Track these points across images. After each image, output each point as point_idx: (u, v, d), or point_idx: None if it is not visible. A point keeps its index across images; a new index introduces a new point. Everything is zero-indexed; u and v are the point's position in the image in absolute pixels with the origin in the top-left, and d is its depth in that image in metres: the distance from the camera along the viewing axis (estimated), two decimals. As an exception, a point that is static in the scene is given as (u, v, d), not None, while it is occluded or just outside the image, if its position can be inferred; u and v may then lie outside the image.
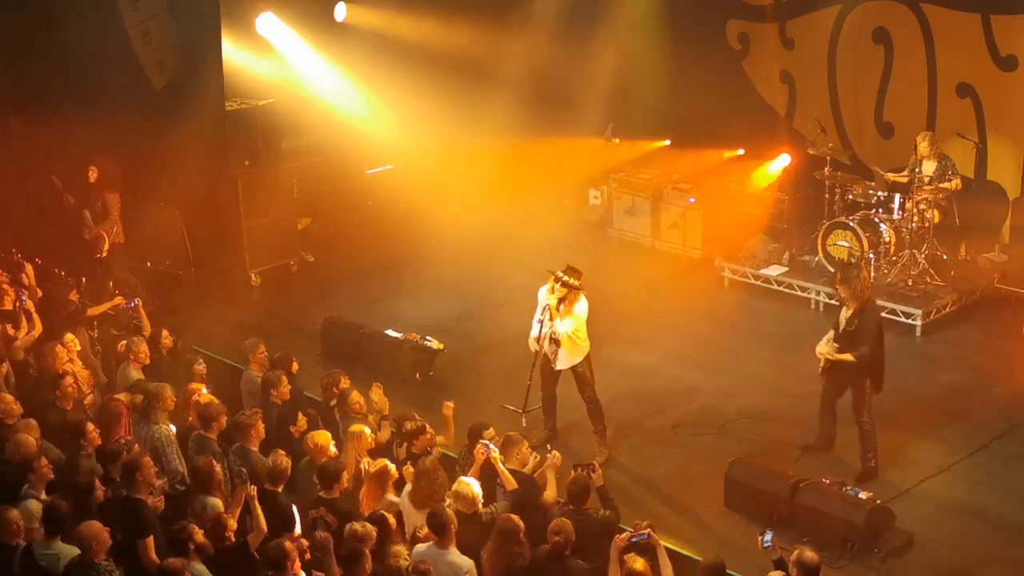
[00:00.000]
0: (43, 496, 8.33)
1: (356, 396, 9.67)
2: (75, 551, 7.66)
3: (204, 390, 9.97)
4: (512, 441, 8.84)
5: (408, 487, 8.56)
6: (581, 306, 10.24)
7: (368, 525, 7.73)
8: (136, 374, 10.46)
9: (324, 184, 15.33)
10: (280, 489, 8.45)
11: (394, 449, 9.37)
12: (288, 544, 7.39)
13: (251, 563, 7.73)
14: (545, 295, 10.27)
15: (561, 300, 10.16)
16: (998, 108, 13.77)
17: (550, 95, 15.86)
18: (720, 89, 15.60)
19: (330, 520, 8.16)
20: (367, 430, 9.17)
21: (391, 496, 8.55)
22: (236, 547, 7.85)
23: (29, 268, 12.09)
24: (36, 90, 13.54)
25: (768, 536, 7.52)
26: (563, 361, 10.34)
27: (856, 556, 8.92)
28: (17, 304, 11.23)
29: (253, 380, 10.51)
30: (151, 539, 8.00)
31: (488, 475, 8.66)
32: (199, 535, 7.65)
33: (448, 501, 8.20)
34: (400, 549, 7.78)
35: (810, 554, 7.30)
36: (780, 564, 7.46)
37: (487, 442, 8.82)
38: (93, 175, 13.33)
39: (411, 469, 8.66)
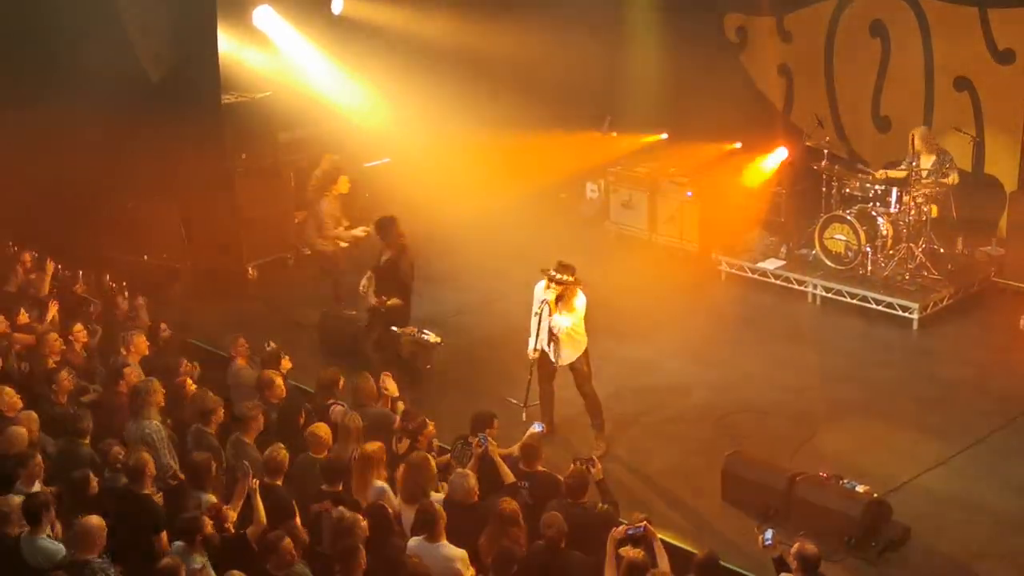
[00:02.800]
0: (37, 489, 8.29)
1: (369, 382, 9.66)
2: (56, 546, 7.64)
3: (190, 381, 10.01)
4: (534, 451, 8.79)
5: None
6: (580, 301, 10.22)
7: (357, 515, 7.72)
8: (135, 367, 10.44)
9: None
10: (279, 482, 8.45)
11: (393, 443, 9.36)
12: (284, 535, 7.39)
13: (250, 554, 7.72)
14: (541, 292, 10.26)
15: (559, 296, 10.14)
16: (995, 102, 13.76)
17: (547, 88, 15.84)
18: (717, 82, 15.60)
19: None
20: (359, 418, 9.16)
21: (380, 483, 8.49)
22: (235, 539, 7.86)
23: (50, 264, 12.10)
24: (32, 83, 13.49)
25: (769, 534, 7.51)
26: (564, 357, 10.31)
27: (853, 549, 8.92)
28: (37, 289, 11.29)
29: (238, 373, 10.55)
30: (164, 533, 7.99)
31: (481, 467, 8.67)
32: (209, 527, 7.66)
33: (438, 495, 8.20)
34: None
35: (810, 547, 7.31)
36: (780, 562, 7.46)
37: (484, 436, 8.83)
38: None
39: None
